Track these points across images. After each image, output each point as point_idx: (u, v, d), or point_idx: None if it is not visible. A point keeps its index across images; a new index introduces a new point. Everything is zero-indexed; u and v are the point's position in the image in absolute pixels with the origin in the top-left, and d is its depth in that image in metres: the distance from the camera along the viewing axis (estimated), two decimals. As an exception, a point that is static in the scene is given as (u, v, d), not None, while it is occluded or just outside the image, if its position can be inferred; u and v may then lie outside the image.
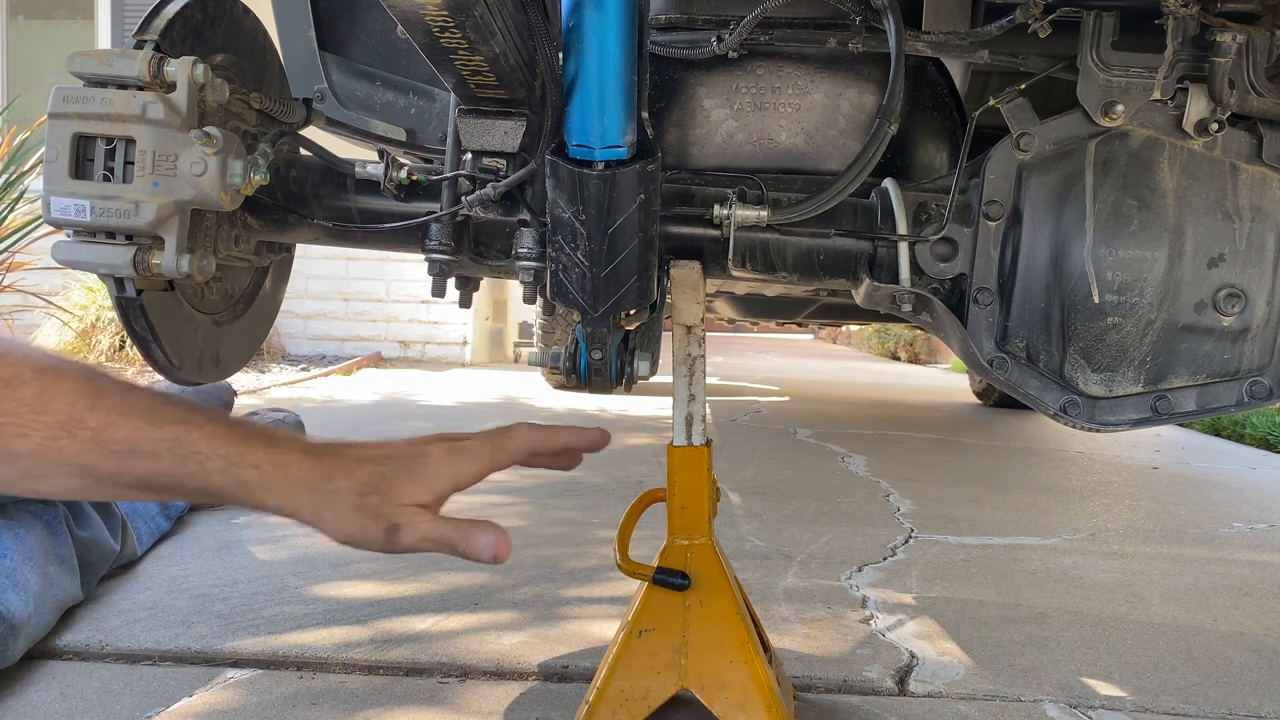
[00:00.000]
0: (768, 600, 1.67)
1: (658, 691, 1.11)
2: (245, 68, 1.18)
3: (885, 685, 1.34)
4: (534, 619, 1.52)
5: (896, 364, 9.76)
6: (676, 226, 1.20)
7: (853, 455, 3.34)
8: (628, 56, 0.92)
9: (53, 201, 1.00)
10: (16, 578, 1.30)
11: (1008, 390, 1.21)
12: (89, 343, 5.05)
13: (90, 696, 1.20)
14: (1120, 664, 1.46)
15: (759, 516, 2.32)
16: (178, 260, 1.01)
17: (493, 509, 2.29)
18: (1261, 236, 1.14)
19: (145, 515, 1.82)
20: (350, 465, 0.79)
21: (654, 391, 4.98)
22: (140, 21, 1.03)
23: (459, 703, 1.23)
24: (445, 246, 1.16)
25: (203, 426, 0.77)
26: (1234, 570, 2.07)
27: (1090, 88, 1.14)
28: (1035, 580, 1.89)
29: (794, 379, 6.92)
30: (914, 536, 2.20)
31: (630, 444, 3.44)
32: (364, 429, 3.51)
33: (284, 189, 1.21)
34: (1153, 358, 1.17)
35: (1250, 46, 1.10)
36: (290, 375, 5.17)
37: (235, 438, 0.77)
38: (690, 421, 1.18)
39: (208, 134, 0.98)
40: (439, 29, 0.86)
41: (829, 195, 1.15)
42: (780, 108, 1.38)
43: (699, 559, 1.14)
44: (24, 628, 1.26)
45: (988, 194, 1.17)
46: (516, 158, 1.08)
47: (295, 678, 1.28)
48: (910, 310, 1.21)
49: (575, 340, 1.14)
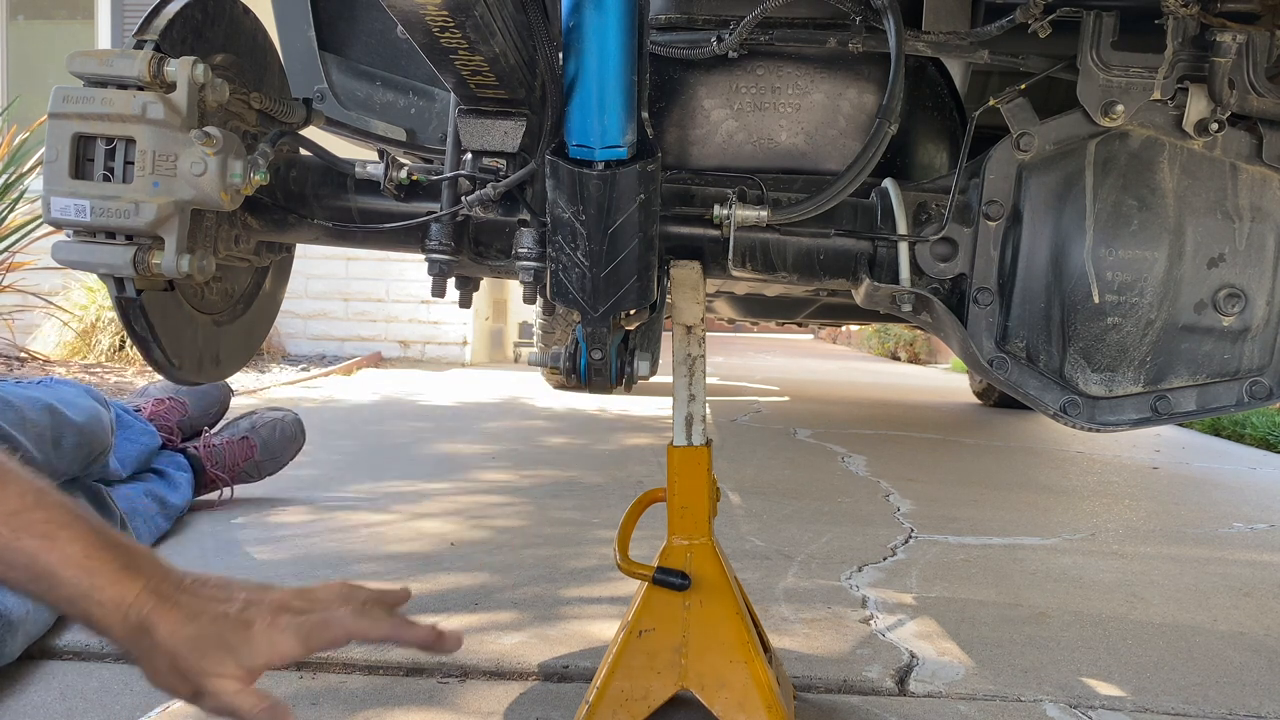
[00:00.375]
0: (768, 600, 1.67)
1: (658, 691, 1.11)
2: (245, 68, 1.17)
3: (885, 685, 1.34)
4: (534, 619, 1.52)
5: (896, 364, 9.76)
6: (676, 226, 1.20)
7: (853, 455, 3.34)
8: (628, 56, 0.92)
9: (53, 201, 1.00)
10: None
11: (1008, 390, 1.21)
12: (89, 343, 5.05)
13: (90, 696, 1.20)
14: (1120, 664, 1.46)
15: (759, 516, 2.32)
16: (178, 260, 1.01)
17: (493, 509, 2.29)
18: (1261, 236, 1.14)
19: (145, 515, 1.82)
20: (178, 624, 0.81)
21: (654, 391, 4.98)
22: (140, 21, 1.03)
23: (459, 703, 1.23)
24: (445, 246, 1.16)
25: (64, 548, 0.78)
26: (1234, 570, 2.07)
27: (1090, 88, 1.14)
28: (1035, 580, 1.89)
29: (794, 379, 6.92)
30: (914, 536, 2.20)
31: (630, 444, 3.44)
32: (364, 429, 3.52)
33: (284, 189, 1.21)
34: (1153, 358, 1.17)
35: (1250, 46, 1.10)
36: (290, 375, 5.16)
37: (90, 567, 0.79)
38: (690, 421, 1.18)
39: (208, 134, 0.98)
40: (439, 29, 0.85)
41: (829, 195, 1.15)
42: (780, 108, 1.38)
43: (699, 559, 1.14)
44: (21, 624, 1.26)
45: (988, 194, 1.17)
46: (516, 158, 1.08)
47: (295, 678, 1.28)
48: (910, 310, 1.21)
49: (575, 340, 1.14)
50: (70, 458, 1.52)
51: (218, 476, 2.14)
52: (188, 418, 2.20)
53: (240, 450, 2.18)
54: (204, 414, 2.27)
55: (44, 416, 1.49)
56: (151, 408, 2.13)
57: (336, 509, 2.21)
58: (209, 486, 2.15)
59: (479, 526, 2.11)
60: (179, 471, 2.05)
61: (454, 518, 2.19)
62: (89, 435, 1.56)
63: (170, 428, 2.11)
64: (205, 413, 2.28)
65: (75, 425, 1.54)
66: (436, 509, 2.27)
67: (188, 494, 2.03)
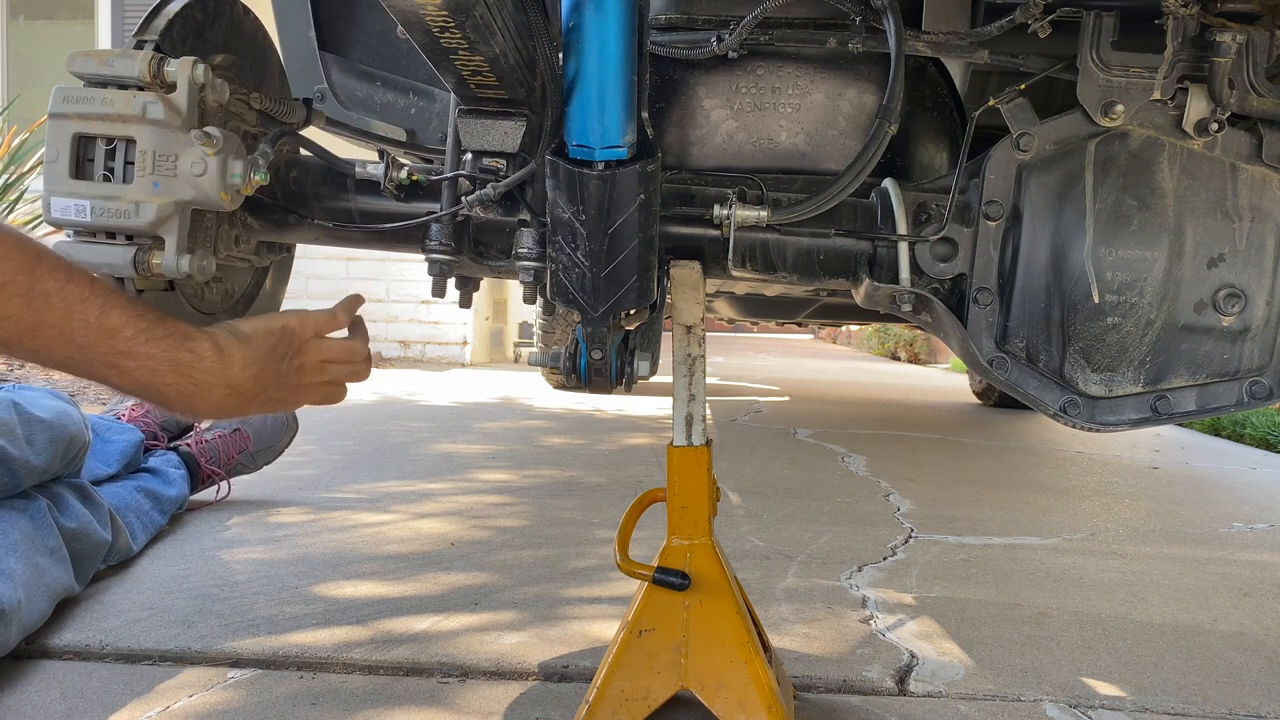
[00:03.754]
0: (768, 600, 1.67)
1: (658, 691, 1.11)
2: (245, 68, 1.18)
3: (885, 685, 1.34)
4: (534, 619, 1.52)
5: (896, 364, 9.76)
6: (676, 226, 1.20)
7: (853, 455, 3.34)
8: (628, 56, 0.93)
9: (53, 202, 1.00)
10: (1, 567, 1.30)
11: (1008, 390, 1.21)
12: (89, 343, 5.03)
13: (90, 696, 1.20)
14: (1120, 664, 1.46)
15: (759, 516, 2.32)
16: (178, 260, 1.01)
17: (493, 509, 2.29)
18: (1261, 236, 1.14)
19: (138, 511, 1.81)
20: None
21: (654, 391, 4.98)
22: (140, 21, 1.04)
23: (459, 703, 1.23)
24: (445, 246, 1.16)
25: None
26: (1234, 570, 2.07)
27: (1090, 88, 1.14)
28: (1035, 580, 1.89)
29: (794, 379, 6.93)
30: (914, 536, 2.20)
31: (630, 444, 3.44)
32: (363, 429, 3.51)
33: (284, 189, 1.21)
34: (1152, 358, 1.17)
35: (1250, 46, 1.10)
36: (290, 375, 5.16)
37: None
38: (690, 421, 1.18)
39: (208, 134, 0.98)
40: (439, 29, 0.86)
41: (829, 195, 1.15)
42: (780, 108, 1.38)
43: (699, 559, 1.14)
44: (15, 615, 1.26)
45: (988, 194, 1.17)
46: (516, 158, 1.08)
47: (296, 678, 1.28)
48: (910, 310, 1.21)
49: (575, 340, 1.14)
50: (47, 455, 1.52)
51: (213, 471, 2.14)
52: (171, 417, 2.19)
53: (234, 442, 2.18)
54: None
55: (9, 413, 1.49)
56: (129, 413, 2.12)
57: (336, 509, 2.21)
58: (205, 482, 2.14)
59: (479, 526, 2.11)
60: (173, 468, 2.04)
61: (454, 518, 2.19)
62: (60, 430, 1.56)
63: (153, 430, 2.10)
64: None
65: (44, 421, 1.54)
66: (436, 509, 2.27)
67: (183, 488, 2.02)
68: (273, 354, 0.99)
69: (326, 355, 1.07)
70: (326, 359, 1.07)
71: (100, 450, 1.88)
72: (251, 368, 0.96)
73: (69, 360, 0.86)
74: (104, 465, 1.87)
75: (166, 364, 0.90)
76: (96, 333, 0.86)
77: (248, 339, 0.97)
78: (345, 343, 1.11)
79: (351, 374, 1.11)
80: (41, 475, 1.52)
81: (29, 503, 1.47)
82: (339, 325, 1.11)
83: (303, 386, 1.06)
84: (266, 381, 0.98)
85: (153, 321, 0.90)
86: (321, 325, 1.07)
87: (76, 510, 1.56)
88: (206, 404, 0.94)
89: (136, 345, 0.88)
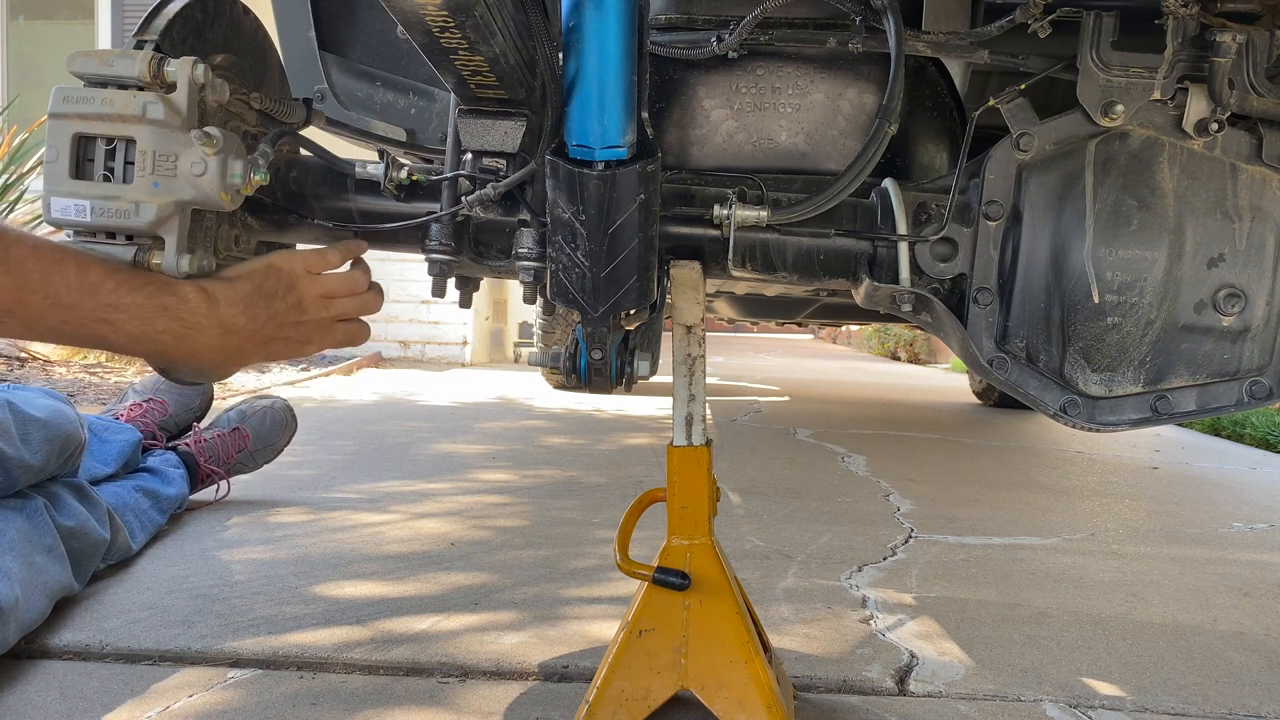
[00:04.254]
0: (768, 600, 1.67)
1: (658, 691, 1.11)
2: (245, 68, 1.18)
3: (885, 685, 1.34)
4: (534, 619, 1.52)
5: (896, 364, 9.76)
6: (676, 226, 1.20)
7: (853, 455, 3.35)
8: (628, 56, 0.93)
9: (53, 202, 1.00)
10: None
11: (1008, 390, 1.21)
12: (89, 343, 5.03)
13: (90, 696, 1.20)
14: (1120, 664, 1.46)
15: (759, 516, 2.32)
16: (178, 260, 1.01)
17: (493, 509, 2.29)
18: (1261, 236, 1.14)
19: (136, 510, 1.81)
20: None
21: (654, 391, 4.98)
22: (140, 21, 1.04)
23: (459, 703, 1.23)
24: (445, 246, 1.16)
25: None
26: (1234, 570, 2.07)
27: (1090, 88, 1.14)
28: (1035, 580, 1.89)
29: (794, 379, 6.93)
30: (914, 536, 2.20)
31: (630, 444, 3.44)
32: (363, 429, 3.51)
33: (284, 189, 1.21)
34: (1152, 358, 1.17)
35: (1250, 46, 1.10)
36: (290, 375, 5.16)
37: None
38: (690, 421, 1.18)
39: (208, 134, 0.98)
40: (439, 29, 0.86)
41: (829, 195, 1.15)
42: (780, 108, 1.38)
43: (699, 559, 1.14)
44: (12, 613, 1.26)
45: (988, 194, 1.17)
46: (516, 158, 1.08)
47: (296, 678, 1.28)
48: (910, 310, 1.21)
49: (575, 340, 1.14)
50: (43, 454, 1.51)
51: (212, 470, 2.13)
52: (170, 417, 2.19)
53: (233, 442, 2.18)
54: (186, 411, 2.25)
55: (4, 413, 1.49)
56: (128, 413, 2.12)
57: (336, 509, 2.21)
58: (204, 482, 2.14)
59: (479, 526, 2.11)
60: (171, 468, 2.04)
61: (454, 518, 2.19)
62: (55, 429, 1.56)
63: (151, 430, 2.10)
64: (187, 409, 2.25)
65: (39, 420, 1.54)
66: (436, 509, 2.27)
67: (183, 487, 2.02)
68: (260, 291, 0.99)
69: (324, 289, 1.06)
70: (325, 293, 1.05)
71: (98, 450, 1.88)
72: (238, 304, 0.96)
73: (62, 325, 0.87)
74: (102, 465, 1.87)
75: (154, 310, 0.91)
76: (79, 291, 0.87)
77: (231, 279, 0.99)
78: (342, 274, 1.08)
79: (360, 306, 1.09)
80: (37, 474, 1.52)
81: (25, 501, 1.47)
82: (331, 264, 1.08)
83: (307, 324, 1.04)
84: (261, 319, 0.98)
85: (130, 273, 0.92)
86: (312, 263, 1.06)
87: (74, 509, 1.56)
88: (204, 346, 0.94)
89: (121, 296, 0.90)
